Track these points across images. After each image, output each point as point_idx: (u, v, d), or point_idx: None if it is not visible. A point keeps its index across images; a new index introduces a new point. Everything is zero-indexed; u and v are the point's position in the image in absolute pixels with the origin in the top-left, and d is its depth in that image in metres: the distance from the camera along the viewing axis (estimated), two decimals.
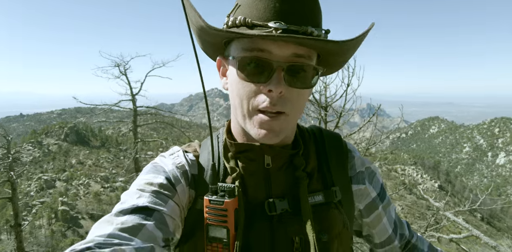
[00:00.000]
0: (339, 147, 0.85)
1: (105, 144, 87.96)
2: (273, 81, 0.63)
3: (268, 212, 0.72)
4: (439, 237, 3.82)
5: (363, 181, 0.85)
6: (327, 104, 6.08)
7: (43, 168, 71.66)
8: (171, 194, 0.71)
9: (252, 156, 0.74)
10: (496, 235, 46.44)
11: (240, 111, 0.70)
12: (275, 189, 0.74)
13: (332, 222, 0.75)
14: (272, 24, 0.61)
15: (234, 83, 0.69)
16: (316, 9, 0.67)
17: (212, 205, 0.66)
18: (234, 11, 0.69)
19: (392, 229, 0.91)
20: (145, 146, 62.42)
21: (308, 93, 0.72)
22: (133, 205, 0.65)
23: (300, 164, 0.75)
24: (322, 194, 0.76)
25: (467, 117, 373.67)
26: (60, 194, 55.84)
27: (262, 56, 0.64)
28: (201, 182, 0.76)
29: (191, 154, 0.80)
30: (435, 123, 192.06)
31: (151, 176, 0.73)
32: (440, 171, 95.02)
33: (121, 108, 12.57)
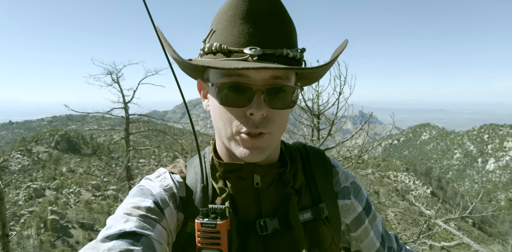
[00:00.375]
0: (324, 163, 0.86)
1: (96, 152, 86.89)
2: (254, 104, 0.64)
3: (260, 232, 0.72)
4: (431, 244, 3.86)
5: (348, 196, 0.87)
6: (319, 112, 6.15)
7: (32, 176, 70.30)
8: (159, 218, 0.70)
9: (242, 175, 0.74)
10: (488, 240, 46.76)
11: (224, 134, 0.70)
12: (265, 208, 0.74)
13: (321, 237, 0.76)
14: (248, 51, 0.62)
15: (215, 107, 0.70)
16: (290, 30, 0.68)
17: (204, 228, 0.65)
18: (209, 36, 0.69)
19: (379, 242, 0.92)
20: (137, 154, 61.84)
21: (289, 111, 0.73)
22: (120, 230, 0.64)
23: (289, 181, 0.76)
24: (310, 211, 0.77)
25: (457, 123, 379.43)
26: (50, 203, 54.71)
27: (240, 81, 0.64)
28: (190, 205, 0.74)
29: (177, 176, 0.79)
30: (427, 129, 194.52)
31: (138, 199, 0.72)
32: (432, 177, 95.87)
33: (113, 116, 12.50)
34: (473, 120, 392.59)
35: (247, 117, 0.66)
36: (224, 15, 0.66)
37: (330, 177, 0.85)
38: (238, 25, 0.64)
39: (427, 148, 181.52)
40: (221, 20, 0.67)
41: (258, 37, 0.63)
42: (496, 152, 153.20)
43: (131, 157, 13.27)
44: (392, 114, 5.90)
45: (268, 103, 0.65)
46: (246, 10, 0.64)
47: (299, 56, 0.67)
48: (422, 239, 4.84)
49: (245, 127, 0.65)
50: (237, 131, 0.67)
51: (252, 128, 0.65)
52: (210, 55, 0.67)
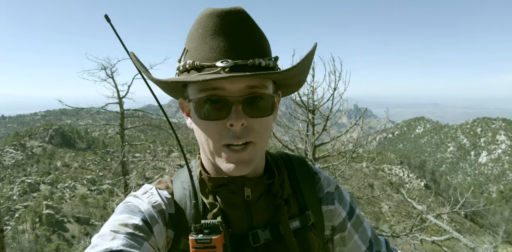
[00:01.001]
0: (307, 171, 0.88)
1: (91, 146, 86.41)
2: (232, 115, 0.65)
3: (252, 244, 0.73)
4: (422, 239, 3.95)
5: (332, 202, 0.88)
6: (314, 107, 6.18)
7: (26, 171, 69.87)
8: (147, 236, 0.68)
9: (234, 189, 0.74)
10: (479, 232, 47.66)
11: (207, 149, 0.71)
12: (257, 219, 0.75)
13: (310, 244, 0.79)
14: (219, 64, 0.63)
15: (196, 123, 0.71)
16: (260, 40, 0.69)
17: (199, 244, 0.64)
18: (183, 55, 0.71)
19: (366, 247, 0.92)
20: (133, 148, 61.65)
21: (272, 119, 0.73)
22: (107, 248, 0.62)
23: (278, 192, 0.77)
24: (298, 219, 0.79)
25: (451, 117, 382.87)
26: (45, 197, 54.55)
27: (217, 94, 0.65)
28: (180, 221, 0.74)
29: (165, 192, 0.78)
30: (421, 123, 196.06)
31: (126, 216, 0.70)
32: (426, 170, 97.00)
33: (108, 111, 12.43)
34: (466, 114, 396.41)
35: (227, 129, 0.66)
36: (195, 34, 0.68)
37: (314, 184, 0.87)
38: (209, 41, 0.66)
39: (421, 142, 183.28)
40: (192, 39, 0.68)
41: (229, 50, 0.65)
42: (489, 145, 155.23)
43: (126, 151, 13.24)
44: (387, 109, 5.95)
45: (247, 112, 0.66)
46: (214, 26, 0.65)
47: (272, 65, 0.68)
48: (414, 232, 4.96)
49: (227, 139, 0.66)
50: (220, 145, 0.68)
51: (234, 139, 0.66)
52: (185, 73, 0.69)
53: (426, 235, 4.33)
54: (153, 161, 18.98)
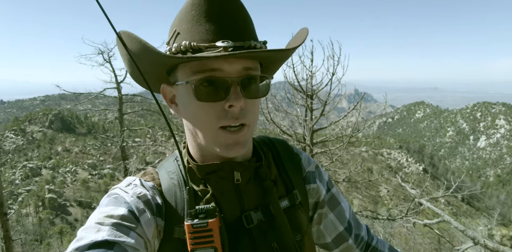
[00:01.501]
0: (290, 152, 0.90)
1: (91, 131, 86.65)
2: (232, 96, 0.65)
3: (247, 225, 0.74)
4: (415, 222, 4.04)
5: (314, 180, 0.91)
6: (312, 92, 6.13)
7: (27, 156, 70.37)
8: (134, 225, 0.67)
9: (223, 175, 0.75)
10: (475, 214, 48.61)
11: (201, 133, 0.71)
12: (248, 202, 0.76)
13: (300, 222, 0.81)
14: (220, 44, 0.63)
15: (190, 107, 0.70)
16: (252, 23, 0.71)
17: (196, 229, 0.65)
18: (173, 38, 0.69)
19: (344, 227, 0.94)
20: (133, 133, 61.86)
21: (260, 101, 0.75)
22: (91, 240, 0.61)
23: (266, 175, 0.78)
24: (287, 199, 0.81)
25: (450, 101, 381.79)
26: (47, 181, 55.26)
27: (216, 75, 0.65)
28: (171, 210, 0.73)
29: (150, 183, 0.77)
30: (421, 108, 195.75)
31: (111, 208, 0.69)
32: (425, 154, 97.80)
33: (104, 96, 12.35)
34: (467, 98, 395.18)
35: (225, 110, 0.67)
36: (187, 15, 0.67)
37: (296, 165, 0.89)
38: (204, 23, 0.65)
39: (420, 126, 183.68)
40: (184, 20, 0.67)
41: (226, 31, 0.65)
42: (488, 130, 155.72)
43: (126, 136, 13.26)
44: (385, 93, 5.90)
45: (244, 94, 0.67)
46: (209, 8, 0.65)
47: (264, 48, 0.69)
48: (409, 215, 5.04)
49: (225, 120, 0.67)
50: (217, 127, 0.68)
51: (232, 120, 0.67)
52: (179, 55, 0.66)
53: (420, 218, 4.41)
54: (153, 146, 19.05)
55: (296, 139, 6.26)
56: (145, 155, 46.52)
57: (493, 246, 2.51)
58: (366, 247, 0.98)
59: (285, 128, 6.62)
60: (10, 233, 10.21)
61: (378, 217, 6.32)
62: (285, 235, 0.76)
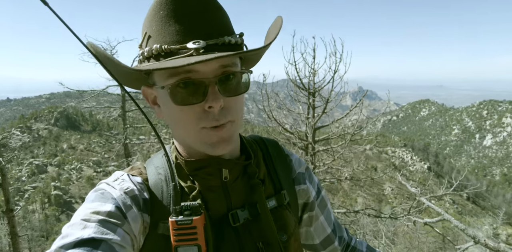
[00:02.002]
0: (280, 152, 0.90)
1: (96, 129, 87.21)
2: (210, 97, 0.64)
3: (233, 224, 0.74)
4: (415, 220, 4.02)
5: (304, 181, 0.90)
6: (314, 89, 6.09)
7: (33, 153, 71.07)
8: (121, 222, 0.66)
9: (211, 172, 0.74)
10: (481, 213, 48.29)
11: (185, 134, 0.70)
12: (235, 200, 0.76)
13: (286, 222, 0.80)
14: (191, 45, 0.61)
15: (170, 109, 0.68)
16: (225, 17, 0.68)
17: (180, 226, 0.64)
18: (145, 41, 0.67)
19: (331, 229, 0.96)
20: (137, 131, 62.08)
21: (243, 96, 0.73)
22: (77, 238, 0.60)
23: (254, 173, 0.78)
24: (274, 198, 0.80)
25: (456, 100, 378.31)
26: (53, 178, 55.81)
27: (191, 77, 0.63)
28: (157, 206, 0.73)
29: (138, 178, 0.76)
30: (426, 106, 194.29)
31: (97, 204, 0.68)
32: (430, 153, 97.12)
33: (108, 93, 12.40)
34: (472, 96, 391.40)
35: (206, 112, 0.65)
36: (155, 16, 0.65)
37: (286, 165, 0.89)
38: (174, 23, 0.63)
39: (425, 124, 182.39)
40: (153, 22, 0.65)
41: (197, 30, 0.63)
42: (494, 128, 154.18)
43: (131, 133, 13.31)
44: (388, 91, 5.85)
45: (223, 92, 0.65)
46: (177, 7, 0.63)
47: (240, 41, 0.68)
48: (412, 214, 5.01)
49: (207, 122, 0.66)
50: (199, 128, 0.67)
51: (213, 121, 0.65)
52: (152, 60, 0.65)
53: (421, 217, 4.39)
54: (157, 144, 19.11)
55: (298, 137, 6.24)
56: (149, 153, 46.73)
57: (493, 245, 2.48)
58: (346, 247, 1.01)
59: (287, 126, 6.60)
60: (16, 229, 10.31)
61: (381, 215, 6.28)
62: (270, 235, 0.75)
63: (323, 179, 6.40)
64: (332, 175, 7.13)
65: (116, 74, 0.69)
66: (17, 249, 10.13)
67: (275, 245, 0.75)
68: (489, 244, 2.47)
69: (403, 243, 17.88)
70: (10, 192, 10.38)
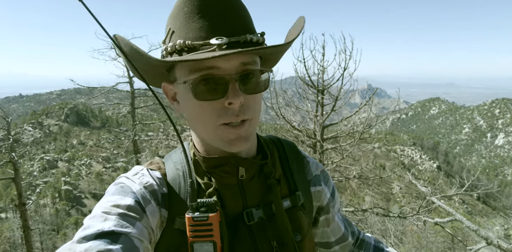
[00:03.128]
0: (297, 154, 0.90)
1: (105, 125, 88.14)
2: (230, 94, 0.65)
3: (247, 222, 0.74)
4: (425, 220, 3.95)
5: (319, 183, 0.92)
6: (323, 87, 6.03)
7: (44, 148, 72.31)
8: (140, 216, 0.68)
9: (228, 169, 0.75)
10: (491, 214, 47.57)
11: (203, 130, 0.71)
12: (250, 199, 0.76)
13: (301, 223, 0.81)
14: (214, 41, 0.63)
15: (190, 105, 0.69)
16: (247, 16, 0.69)
17: (196, 222, 0.65)
18: (168, 37, 0.69)
19: (344, 227, 0.99)
20: (146, 127, 62.69)
21: (262, 95, 0.75)
22: (98, 230, 0.62)
23: (270, 173, 0.78)
24: (289, 199, 0.81)
25: (467, 98, 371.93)
26: (63, 174, 56.75)
27: (212, 73, 0.64)
28: (175, 201, 0.74)
29: (157, 172, 0.77)
30: (436, 104, 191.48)
31: (118, 197, 0.69)
32: (439, 151, 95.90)
33: (118, 90, 12.51)
34: (484, 94, 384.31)
35: (225, 108, 0.66)
36: (180, 13, 0.66)
37: (302, 167, 0.89)
38: (197, 20, 0.64)
39: (435, 123, 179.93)
40: (178, 18, 0.67)
41: (220, 27, 0.64)
42: (507, 127, 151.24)
43: (140, 130, 13.43)
44: (398, 89, 5.76)
45: (243, 90, 0.66)
46: (201, 3, 0.64)
47: (262, 40, 0.69)
48: (421, 213, 4.94)
49: (226, 118, 0.67)
50: (218, 124, 0.68)
51: (233, 117, 0.66)
52: (175, 55, 0.67)
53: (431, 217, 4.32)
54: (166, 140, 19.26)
55: (306, 135, 6.20)
56: (158, 149, 47.15)
57: (507, 247, 2.42)
58: (356, 240, 1.04)
59: (295, 123, 6.56)
60: (28, 223, 10.55)
61: (389, 214, 6.23)
62: (285, 234, 0.76)
63: (331, 177, 6.35)
64: (340, 173, 7.08)
65: (140, 69, 0.69)
66: (29, 242, 10.35)
67: (289, 245, 0.76)
68: (502, 245, 2.42)
69: (412, 242, 17.71)
70: (22, 187, 10.60)
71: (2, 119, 10.12)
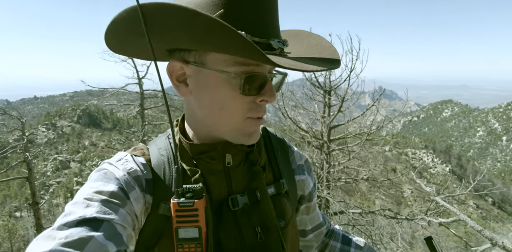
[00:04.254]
0: (282, 143, 0.92)
1: (116, 126, 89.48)
2: (267, 92, 0.67)
3: (232, 208, 0.75)
4: (429, 221, 3.89)
5: (303, 172, 0.94)
6: (330, 88, 6.01)
7: (58, 149, 73.76)
8: (122, 203, 0.67)
9: (214, 156, 0.75)
10: (507, 219, 46.36)
11: (225, 122, 0.70)
12: (235, 186, 0.77)
13: (284, 209, 0.82)
14: (276, 43, 0.62)
15: (216, 94, 0.67)
16: None
17: (182, 208, 0.65)
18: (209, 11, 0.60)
19: (322, 217, 1.05)
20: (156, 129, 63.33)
21: None
22: (80, 216, 0.60)
23: (256, 160, 0.79)
24: (273, 186, 0.82)
25: (480, 100, 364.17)
26: (75, 174, 57.77)
27: (258, 70, 0.65)
28: (159, 187, 0.73)
29: (141, 158, 0.76)
30: (448, 106, 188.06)
31: (100, 183, 0.68)
32: (452, 155, 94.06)
33: (128, 91, 12.72)
34: (500, 97, 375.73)
35: (255, 104, 0.68)
36: None
37: (287, 156, 0.91)
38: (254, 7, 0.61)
39: (448, 126, 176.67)
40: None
41: (275, 29, 0.64)
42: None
43: (150, 131, 13.59)
44: (406, 90, 5.71)
45: (275, 89, 0.70)
46: None
47: (286, 44, 0.69)
48: (430, 216, 4.87)
49: (255, 113, 0.69)
50: (245, 117, 0.69)
51: (261, 113, 0.70)
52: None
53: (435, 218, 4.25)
54: None
55: (313, 136, 6.19)
56: None
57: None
58: (327, 231, 1.09)
59: (303, 124, 6.56)
60: (41, 222, 10.78)
61: (397, 216, 6.16)
62: (269, 220, 0.77)
63: (338, 179, 6.33)
64: (348, 175, 7.04)
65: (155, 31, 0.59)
66: None
67: (273, 230, 0.77)
68: (508, 246, 2.37)
69: (421, 246, 17.43)
70: (36, 186, 10.85)
71: (17, 120, 10.39)
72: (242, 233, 0.76)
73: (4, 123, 10.85)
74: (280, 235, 0.77)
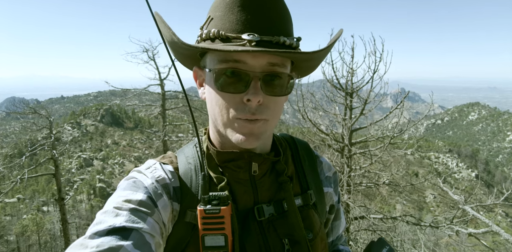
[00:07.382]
0: (310, 153, 0.90)
1: (138, 126, 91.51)
2: (250, 91, 0.65)
3: (258, 218, 0.74)
4: (458, 230, 3.71)
5: (330, 185, 0.92)
6: (352, 90, 5.89)
7: (82, 147, 76.29)
8: (151, 211, 0.68)
9: (241, 164, 0.75)
10: None
11: (220, 120, 0.71)
12: (262, 195, 0.76)
13: (312, 221, 0.81)
14: (246, 36, 0.63)
15: (212, 93, 0.70)
16: (287, 18, 0.69)
17: (208, 215, 0.65)
18: (207, 23, 0.70)
19: (333, 237, 1.02)
20: (176, 129, 64.35)
21: (284, 99, 0.74)
22: (110, 225, 0.62)
23: (283, 170, 0.78)
24: (300, 197, 0.81)
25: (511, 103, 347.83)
26: (98, 172, 59.53)
27: (238, 67, 0.65)
28: (186, 194, 0.74)
29: (169, 166, 0.78)
30: (475, 109, 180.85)
31: (129, 192, 0.70)
32: (478, 160, 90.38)
33: (150, 92, 12.96)
34: None
35: (243, 104, 0.67)
36: (222, 3, 0.67)
37: (315, 167, 0.89)
38: (236, 12, 0.65)
39: (474, 129, 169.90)
40: (219, 7, 0.67)
41: (256, 23, 0.65)
42: None
43: (170, 131, 13.81)
44: (431, 92, 5.52)
45: (265, 89, 0.66)
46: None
47: (295, 45, 0.68)
48: (456, 224, 4.66)
49: (242, 113, 0.67)
50: (234, 117, 0.68)
51: (249, 114, 0.66)
52: (208, 42, 0.68)
53: (465, 227, 4.05)
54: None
55: (334, 138, 6.08)
56: None
57: None
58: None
59: (323, 127, 6.47)
60: (66, 217, 11.17)
61: (420, 223, 5.95)
62: (297, 232, 0.75)
63: (360, 183, 6.19)
64: (369, 179, 6.87)
65: (174, 51, 0.73)
66: (67, 235, 10.94)
67: (302, 243, 0.75)
68: None
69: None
70: (61, 182, 11.25)
71: (46, 118, 10.81)
72: (268, 244, 0.74)
73: (34, 121, 11.31)
74: (309, 247, 0.75)
